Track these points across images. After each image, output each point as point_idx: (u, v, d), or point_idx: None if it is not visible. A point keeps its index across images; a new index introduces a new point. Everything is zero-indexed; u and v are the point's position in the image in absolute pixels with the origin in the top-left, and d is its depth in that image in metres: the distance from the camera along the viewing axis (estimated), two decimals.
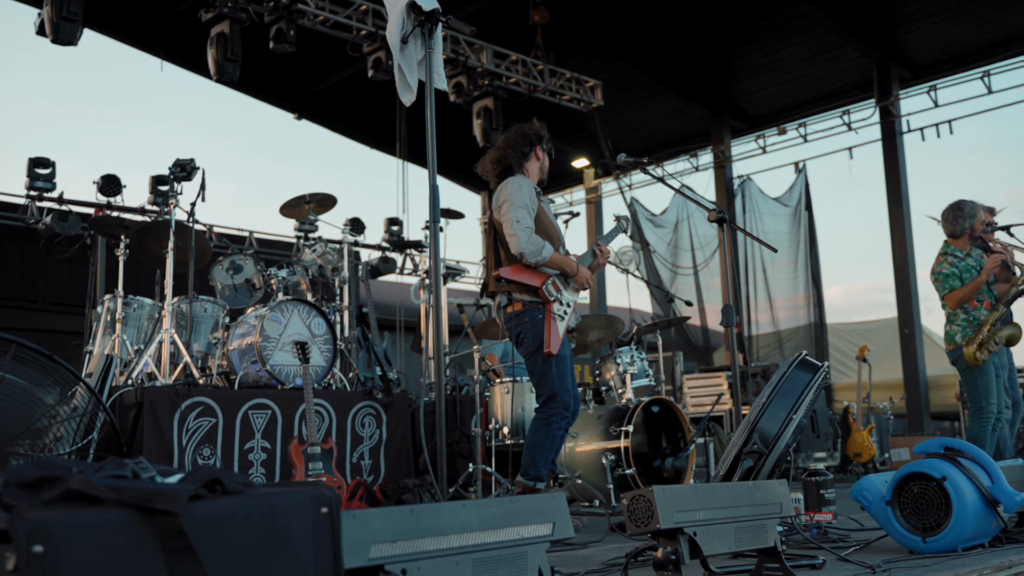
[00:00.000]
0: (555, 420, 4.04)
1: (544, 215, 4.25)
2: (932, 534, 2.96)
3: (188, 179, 6.32)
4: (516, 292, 4.14)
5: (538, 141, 4.34)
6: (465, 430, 6.33)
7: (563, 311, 4.12)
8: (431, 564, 1.67)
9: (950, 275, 5.46)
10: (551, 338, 4.01)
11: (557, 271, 4.16)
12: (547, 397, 4.07)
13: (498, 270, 4.18)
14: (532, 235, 4.06)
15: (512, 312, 4.14)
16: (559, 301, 4.12)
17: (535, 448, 4.05)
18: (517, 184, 4.18)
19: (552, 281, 4.13)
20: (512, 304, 4.15)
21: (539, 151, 4.34)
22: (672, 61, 13.14)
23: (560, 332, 4.06)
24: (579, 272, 4.19)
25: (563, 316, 4.11)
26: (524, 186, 4.18)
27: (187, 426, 5.03)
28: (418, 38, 3.84)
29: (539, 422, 4.08)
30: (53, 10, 8.17)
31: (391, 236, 11.49)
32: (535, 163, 4.34)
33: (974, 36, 11.57)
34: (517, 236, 4.04)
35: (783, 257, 12.72)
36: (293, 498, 1.40)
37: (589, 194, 15.45)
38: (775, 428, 3.25)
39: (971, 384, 5.47)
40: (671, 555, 2.23)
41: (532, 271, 4.12)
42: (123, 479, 1.29)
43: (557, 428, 4.06)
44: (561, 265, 4.14)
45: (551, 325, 4.05)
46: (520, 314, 4.11)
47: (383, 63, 9.95)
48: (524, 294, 4.12)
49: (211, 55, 9.10)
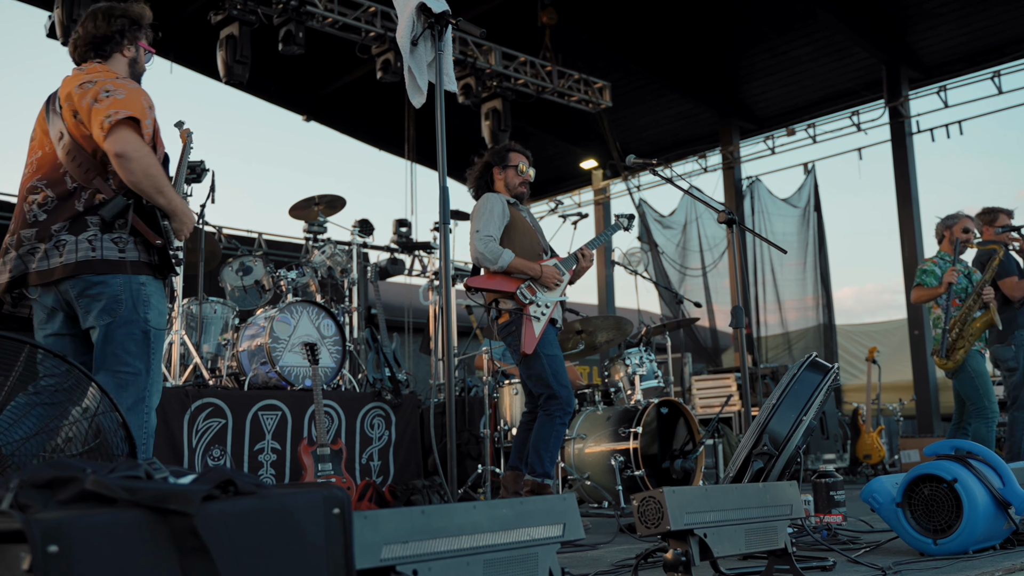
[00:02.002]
0: (557, 416, 4.18)
1: (521, 222, 4.46)
2: (943, 536, 2.95)
3: (198, 181, 6.34)
4: (501, 302, 4.34)
5: (495, 163, 4.58)
6: (474, 431, 6.34)
7: (539, 312, 4.27)
8: (442, 565, 1.67)
9: (928, 272, 5.78)
10: (526, 338, 4.18)
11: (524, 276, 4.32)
12: (547, 396, 4.20)
13: (467, 280, 4.45)
14: (490, 243, 4.27)
15: (502, 323, 4.34)
16: (535, 303, 4.27)
17: (540, 445, 4.17)
18: (482, 201, 4.45)
19: (527, 285, 4.29)
20: (501, 315, 4.35)
21: (497, 171, 4.56)
22: (680, 62, 13.12)
23: (536, 332, 4.21)
24: (543, 272, 4.33)
25: (539, 317, 4.25)
26: (489, 201, 4.41)
27: (197, 427, 5.05)
28: (428, 40, 3.84)
29: (542, 420, 4.21)
30: (64, 13, 8.20)
31: (400, 237, 11.48)
32: (499, 182, 4.56)
33: (984, 36, 11.52)
34: (474, 245, 4.30)
35: (792, 258, 12.69)
36: (305, 499, 1.41)
37: (597, 195, 15.43)
38: (785, 430, 3.24)
39: (967, 387, 5.61)
40: (681, 556, 2.23)
41: (504, 278, 4.30)
42: (136, 480, 1.30)
43: (560, 424, 4.20)
44: (523, 269, 4.30)
45: (527, 326, 4.21)
46: (508, 324, 4.31)
47: (392, 65, 9.96)
48: (507, 302, 4.31)
49: (220, 57, 9.12)
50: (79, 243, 2.76)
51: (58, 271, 2.75)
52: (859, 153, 12.40)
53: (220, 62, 9.14)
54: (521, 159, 4.58)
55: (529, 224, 4.53)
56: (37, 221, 2.81)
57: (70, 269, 2.74)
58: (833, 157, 12.79)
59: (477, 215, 4.38)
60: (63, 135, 2.86)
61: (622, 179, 14.83)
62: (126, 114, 2.72)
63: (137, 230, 2.81)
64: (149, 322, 2.83)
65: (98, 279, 2.76)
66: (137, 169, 2.73)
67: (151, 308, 2.84)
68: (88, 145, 2.83)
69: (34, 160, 2.94)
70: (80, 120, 2.81)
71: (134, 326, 2.79)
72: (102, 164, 2.83)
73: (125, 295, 2.78)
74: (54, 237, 2.77)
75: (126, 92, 2.80)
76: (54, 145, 2.89)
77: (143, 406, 2.79)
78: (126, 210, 2.78)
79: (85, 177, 2.82)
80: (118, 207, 2.77)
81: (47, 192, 2.83)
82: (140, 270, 2.83)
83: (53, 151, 2.89)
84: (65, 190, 2.83)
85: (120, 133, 2.71)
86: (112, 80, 2.85)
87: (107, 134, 2.70)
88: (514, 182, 4.56)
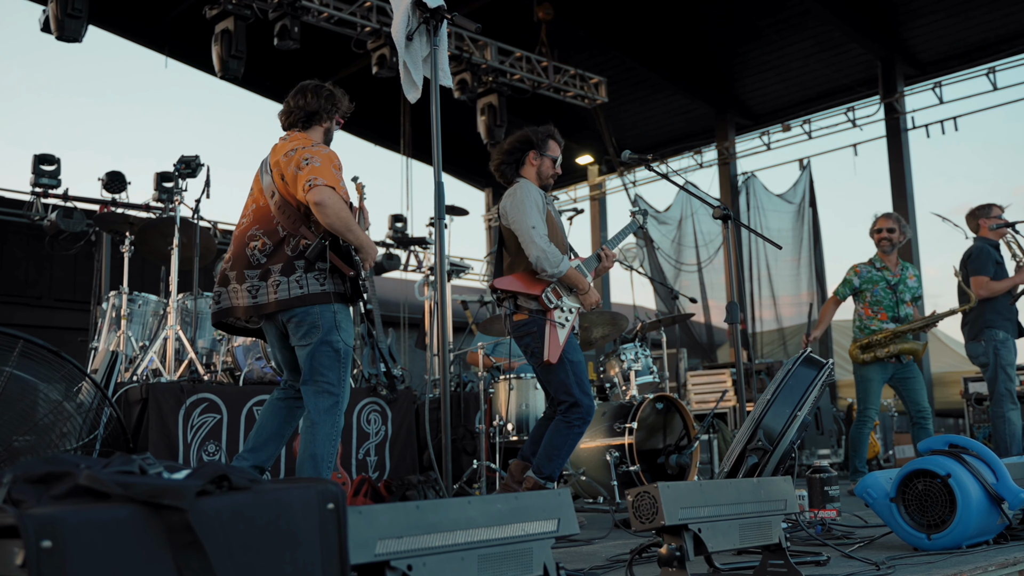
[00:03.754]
0: (577, 425, 4.04)
1: (552, 220, 4.19)
2: (936, 531, 2.96)
3: (193, 176, 6.34)
4: (522, 300, 4.09)
5: (532, 146, 4.27)
6: (469, 426, 6.34)
7: (564, 318, 4.06)
8: (436, 560, 1.67)
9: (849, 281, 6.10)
10: (551, 346, 3.97)
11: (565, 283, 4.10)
12: (570, 404, 4.03)
13: (494, 281, 4.17)
14: (551, 246, 4.01)
15: (519, 321, 4.09)
16: (560, 308, 4.07)
17: (553, 450, 4.03)
18: (525, 190, 4.13)
19: (552, 288, 4.07)
20: (518, 312, 4.09)
21: (533, 156, 4.26)
22: (676, 58, 13.12)
23: (560, 339, 4.01)
24: (589, 293, 4.14)
25: (563, 323, 4.05)
26: (531, 192, 4.12)
27: (192, 422, 5.04)
28: (423, 35, 3.84)
29: (561, 426, 4.04)
30: (58, 7, 8.17)
31: (395, 233, 11.49)
32: (532, 168, 4.27)
33: (979, 33, 11.53)
34: (536, 245, 3.99)
35: (787, 254, 12.70)
36: (300, 494, 1.41)
37: (593, 191, 15.43)
38: (780, 425, 3.25)
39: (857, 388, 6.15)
40: (676, 551, 2.24)
41: (530, 280, 4.06)
42: (131, 475, 1.30)
43: (578, 432, 4.06)
44: (575, 282, 4.09)
45: (551, 333, 4.00)
46: (527, 323, 4.06)
47: (387, 60, 9.95)
48: (529, 302, 4.07)
49: (215, 52, 9.10)
50: (290, 283, 3.44)
51: (272, 305, 3.45)
52: (854, 149, 12.42)
53: (215, 57, 9.11)
54: (559, 151, 4.33)
55: (556, 222, 4.28)
56: (260, 264, 3.50)
57: (283, 304, 3.44)
58: (828, 153, 12.80)
59: (522, 207, 4.06)
60: (274, 193, 3.55)
61: (618, 175, 14.84)
62: (323, 182, 3.37)
63: (334, 265, 3.47)
64: (342, 342, 3.49)
65: (303, 310, 3.44)
66: (331, 213, 3.37)
67: (343, 331, 3.50)
68: (293, 201, 3.50)
69: (251, 211, 3.64)
70: (286, 182, 3.49)
71: (329, 346, 3.46)
72: (306, 215, 3.49)
73: (323, 321, 3.45)
74: (271, 276, 3.46)
75: (321, 160, 3.46)
76: (268, 200, 3.58)
77: (336, 410, 3.48)
78: (324, 251, 3.44)
79: (293, 226, 3.50)
80: (318, 249, 3.45)
81: (264, 240, 3.51)
82: (335, 299, 3.49)
83: (267, 205, 3.57)
84: (278, 237, 3.50)
85: (317, 189, 3.36)
86: (310, 148, 3.51)
87: (307, 193, 3.38)
88: (547, 172, 4.28)
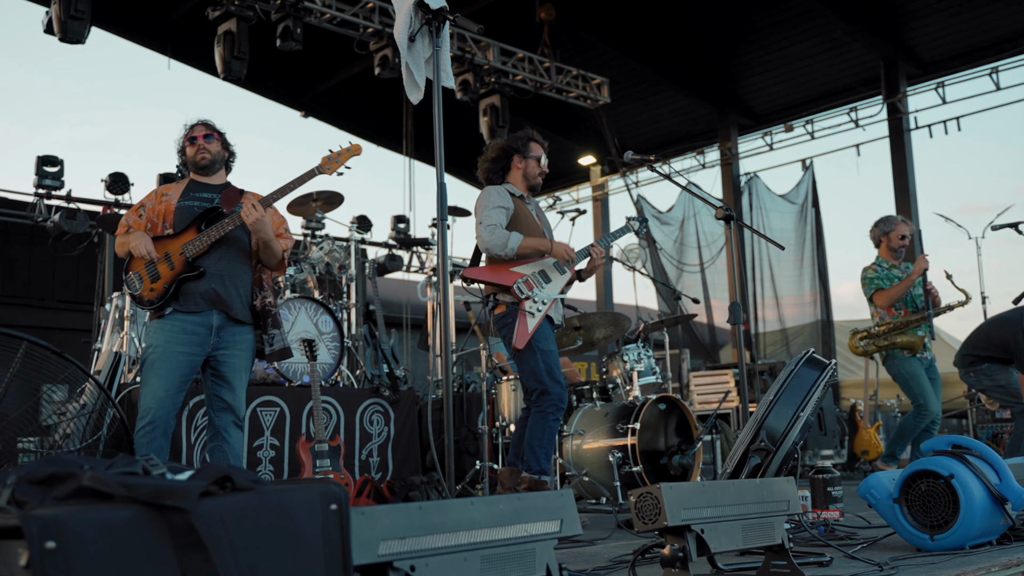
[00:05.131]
0: (550, 413, 4.15)
1: (527, 216, 4.41)
2: (940, 532, 2.96)
3: None
4: (499, 294, 4.28)
5: (515, 151, 4.49)
6: (472, 427, 6.34)
7: (535, 308, 4.23)
8: (439, 561, 1.67)
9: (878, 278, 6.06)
10: (519, 334, 4.14)
11: (535, 263, 4.29)
12: (540, 392, 4.17)
13: (464, 270, 4.42)
14: (496, 230, 4.22)
15: (499, 314, 4.29)
16: (532, 299, 4.23)
17: (534, 442, 4.14)
18: (486, 192, 4.41)
19: (525, 280, 4.24)
20: (498, 306, 4.29)
21: (518, 160, 4.48)
22: (679, 58, 13.11)
23: (530, 328, 4.16)
24: (553, 247, 4.31)
25: (534, 313, 4.21)
26: (491, 194, 4.37)
27: (195, 423, 5.05)
28: (426, 36, 3.84)
29: (535, 416, 4.17)
30: (61, 8, 8.19)
31: (398, 234, 11.50)
32: (518, 171, 4.49)
33: (982, 32, 11.52)
34: (481, 235, 4.25)
35: (790, 254, 12.69)
36: (303, 495, 1.41)
37: (596, 191, 15.42)
38: (782, 425, 3.24)
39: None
40: (679, 552, 2.24)
41: (503, 270, 4.25)
42: (134, 476, 1.30)
43: (553, 420, 4.17)
44: (534, 247, 4.29)
45: (520, 321, 4.16)
46: (504, 316, 4.27)
47: (390, 61, 9.96)
48: (505, 295, 4.26)
49: (218, 53, 9.11)
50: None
51: None
52: (857, 149, 12.41)
53: (218, 58, 9.13)
54: (541, 151, 4.54)
55: (534, 218, 4.47)
56: None
57: None
58: (831, 153, 12.80)
59: (480, 209, 4.35)
60: None
61: (620, 175, 14.83)
62: None
63: None
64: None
65: None
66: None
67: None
68: None
69: None
70: None
71: None
72: None
73: None
74: None
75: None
76: None
77: None
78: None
79: None
80: None
81: None
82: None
83: None
84: None
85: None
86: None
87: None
88: (533, 172, 4.50)
